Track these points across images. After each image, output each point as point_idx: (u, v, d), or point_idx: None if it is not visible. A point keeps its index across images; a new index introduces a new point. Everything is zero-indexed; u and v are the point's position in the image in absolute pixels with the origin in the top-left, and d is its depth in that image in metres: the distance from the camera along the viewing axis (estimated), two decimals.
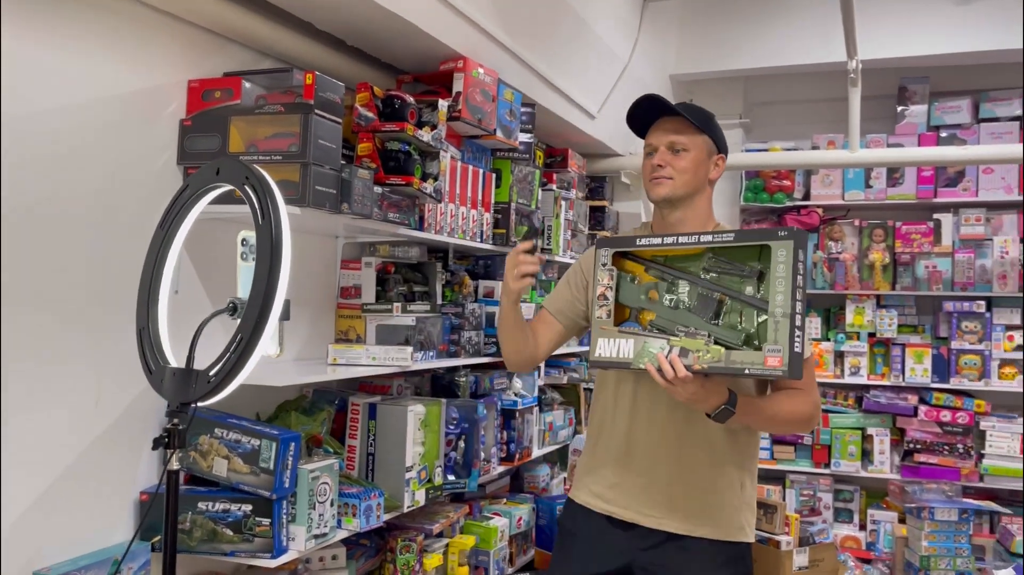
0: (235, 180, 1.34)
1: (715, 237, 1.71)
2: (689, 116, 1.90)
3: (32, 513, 1.73)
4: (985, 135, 4.29)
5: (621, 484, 1.94)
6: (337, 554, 2.34)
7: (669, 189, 1.90)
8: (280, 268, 1.23)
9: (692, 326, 1.73)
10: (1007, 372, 4.26)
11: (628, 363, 1.75)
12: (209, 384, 1.29)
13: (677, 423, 1.89)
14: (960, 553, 3.84)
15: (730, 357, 1.64)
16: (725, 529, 1.89)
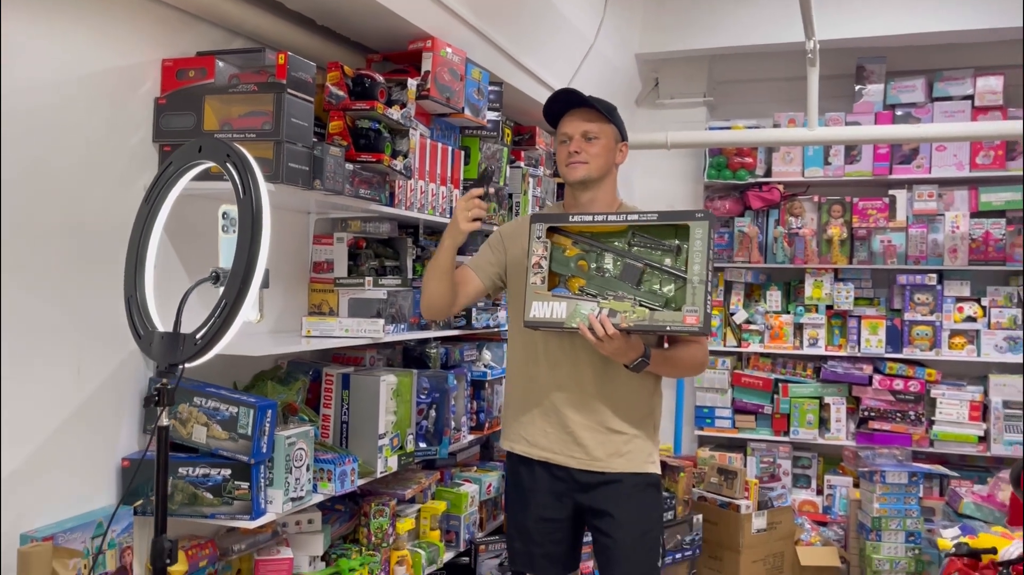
0: (217, 157, 1.41)
1: (640, 217, 2.01)
2: (599, 107, 2.15)
3: (18, 478, 1.80)
4: (938, 114, 4.43)
5: (549, 431, 2.19)
6: (313, 518, 2.43)
7: (584, 172, 2.15)
8: (261, 238, 1.32)
9: (620, 291, 2.00)
10: (957, 342, 4.44)
11: (561, 323, 2.01)
12: (196, 346, 1.37)
13: (596, 378, 2.15)
14: (910, 514, 4.04)
15: (654, 316, 1.95)
16: (639, 462, 2.18)
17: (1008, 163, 4.35)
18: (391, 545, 2.64)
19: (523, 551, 2.28)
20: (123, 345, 2.04)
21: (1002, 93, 4.36)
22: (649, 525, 2.20)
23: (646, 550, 2.18)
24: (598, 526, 2.20)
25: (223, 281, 1.40)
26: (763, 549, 4.01)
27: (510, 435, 2.30)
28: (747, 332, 4.77)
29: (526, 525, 2.26)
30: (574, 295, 2.04)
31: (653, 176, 4.95)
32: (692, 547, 3.89)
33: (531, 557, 2.27)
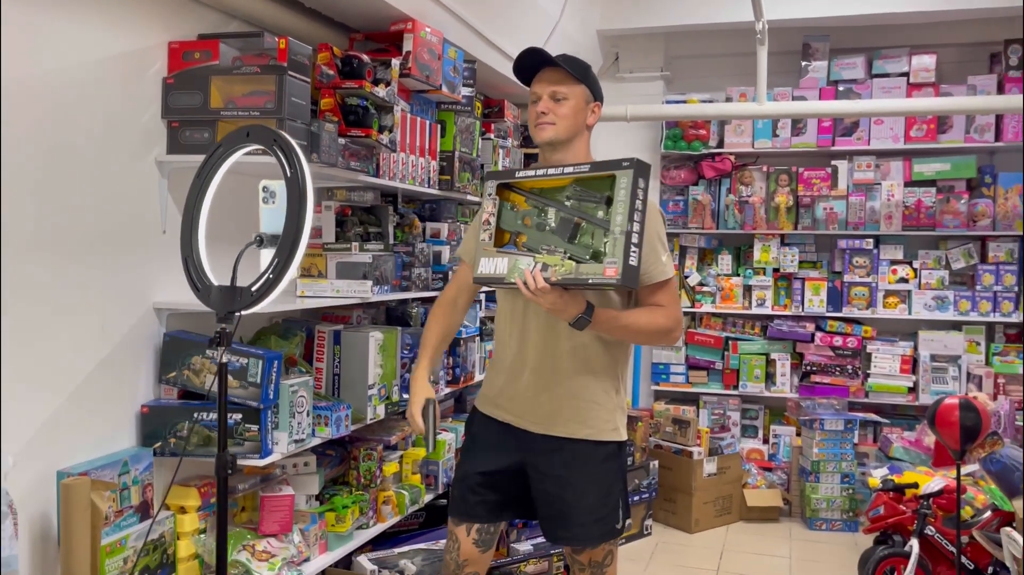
0: (264, 141, 1.63)
1: (575, 169, 1.97)
2: (568, 68, 2.12)
3: (53, 422, 2.01)
4: (877, 89, 4.75)
5: (514, 396, 2.19)
6: (308, 461, 2.68)
7: (552, 133, 2.12)
8: (307, 208, 1.54)
9: (553, 245, 1.98)
10: (890, 302, 4.82)
11: (502, 278, 2.00)
12: (252, 297, 1.60)
13: (557, 339, 2.12)
14: (845, 458, 4.43)
15: (579, 270, 1.90)
16: (601, 430, 2.14)
17: (939, 136, 4.70)
18: (378, 486, 2.90)
19: (459, 496, 2.27)
20: (140, 304, 2.26)
21: (935, 70, 4.69)
22: (609, 490, 2.16)
23: (606, 513, 2.15)
24: (549, 489, 2.16)
25: (266, 244, 1.62)
26: (713, 491, 4.38)
27: (481, 395, 2.32)
28: (700, 294, 5.10)
29: (470, 473, 2.25)
30: (518, 251, 2.01)
31: (612, 147, 5.20)
32: (649, 490, 4.24)
33: (466, 502, 2.24)
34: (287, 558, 2.37)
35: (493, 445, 2.24)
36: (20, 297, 1.90)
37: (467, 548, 2.24)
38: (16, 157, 1.88)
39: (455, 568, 2.26)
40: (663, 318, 2.10)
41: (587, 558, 2.19)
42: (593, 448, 2.15)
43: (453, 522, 2.28)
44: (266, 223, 1.68)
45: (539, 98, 2.14)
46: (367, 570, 2.69)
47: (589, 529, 2.15)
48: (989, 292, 4.65)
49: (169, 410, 2.26)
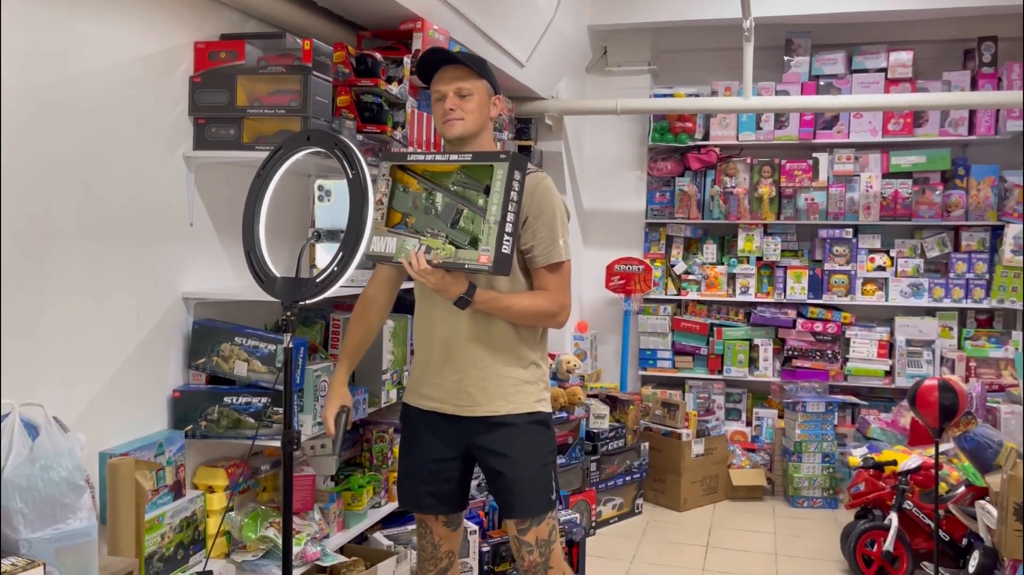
0: (325, 145, 1.74)
1: (459, 156, 2.06)
2: (469, 63, 2.17)
3: (94, 407, 2.12)
4: (856, 85, 4.94)
5: (440, 383, 2.21)
6: (325, 443, 2.80)
7: (461, 128, 2.15)
8: (368, 206, 1.66)
9: (436, 229, 2.05)
10: (869, 289, 5.02)
11: (391, 257, 2.07)
12: (316, 287, 1.71)
13: (473, 326, 2.17)
14: (826, 439, 4.62)
15: (457, 255, 2.00)
16: (523, 403, 2.19)
17: (915, 130, 4.89)
18: (389, 467, 3.03)
19: (411, 491, 2.30)
20: (170, 294, 2.36)
21: (912, 66, 4.88)
22: (541, 462, 2.21)
23: (541, 486, 2.20)
24: (492, 466, 2.21)
25: (323, 239, 1.74)
26: (701, 471, 4.56)
27: (408, 389, 2.34)
28: (686, 282, 5.27)
29: (415, 466, 2.29)
30: (407, 232, 2.08)
31: (601, 139, 5.36)
32: (640, 471, 4.41)
33: (419, 496, 2.29)
34: (311, 534, 2.49)
35: (433, 435, 2.27)
36: (65, 288, 2.00)
37: (440, 530, 2.33)
38: (62, 154, 1.98)
39: (432, 550, 2.34)
40: (545, 302, 2.16)
41: (534, 537, 2.22)
42: (522, 422, 2.20)
43: (416, 514, 2.35)
44: (321, 220, 1.80)
45: (444, 95, 2.17)
46: (383, 545, 2.83)
47: (530, 500, 2.20)
48: (962, 280, 4.87)
49: (199, 395, 2.37)
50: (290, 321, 1.71)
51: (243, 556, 2.40)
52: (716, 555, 3.91)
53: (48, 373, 1.96)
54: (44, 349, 1.95)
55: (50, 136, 1.95)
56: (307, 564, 2.42)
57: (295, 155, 1.80)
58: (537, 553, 2.24)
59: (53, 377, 1.98)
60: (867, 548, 3.57)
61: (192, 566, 2.27)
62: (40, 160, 1.92)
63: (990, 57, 4.77)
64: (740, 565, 3.79)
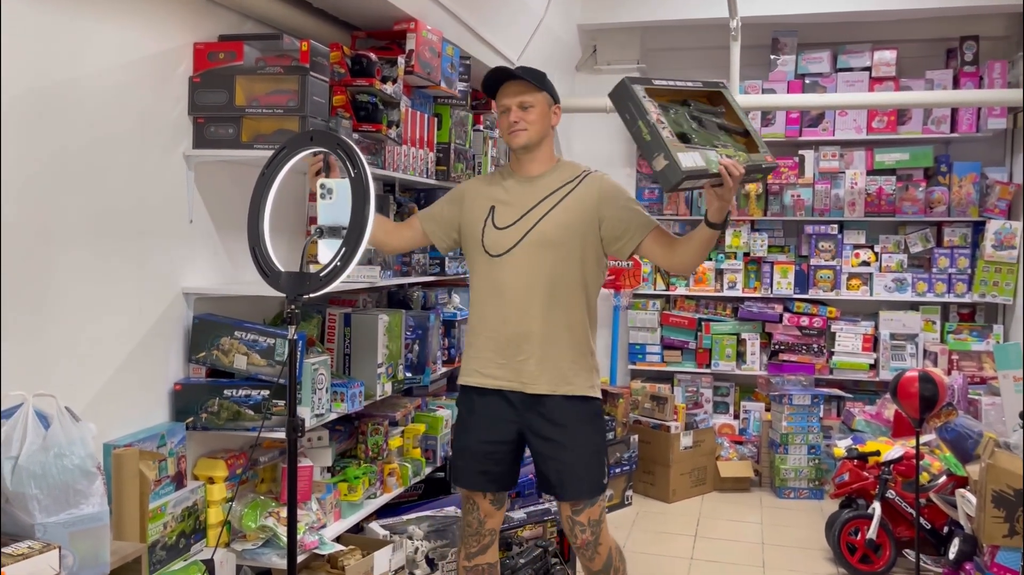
0: (328, 145, 1.80)
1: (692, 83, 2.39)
2: (530, 78, 2.38)
3: (98, 399, 2.17)
4: (841, 83, 5.02)
5: (504, 363, 2.41)
6: (322, 435, 2.86)
7: (525, 138, 2.39)
8: (370, 204, 1.72)
9: (719, 141, 2.25)
10: (853, 284, 5.11)
11: (706, 170, 2.12)
12: (320, 281, 1.77)
13: (540, 309, 2.38)
14: (811, 431, 4.72)
15: (751, 158, 2.24)
16: (582, 387, 2.42)
17: (899, 127, 4.98)
18: (384, 459, 3.09)
19: (464, 468, 2.49)
20: (170, 289, 2.42)
21: (895, 65, 4.96)
22: (596, 446, 2.42)
23: (594, 470, 2.41)
24: (547, 450, 2.40)
25: (326, 235, 1.81)
26: (689, 463, 4.64)
27: (467, 370, 2.50)
28: (675, 277, 5.34)
29: (470, 446, 2.47)
30: (699, 147, 2.17)
31: (591, 136, 5.42)
32: (629, 463, 4.49)
33: (471, 474, 2.47)
34: (309, 524, 2.55)
35: (490, 416, 2.45)
36: (71, 283, 2.05)
37: (486, 507, 2.50)
38: (65, 152, 2.03)
39: (477, 526, 2.51)
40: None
41: (586, 517, 2.43)
42: (580, 406, 2.41)
43: (465, 491, 2.50)
44: (324, 217, 1.86)
45: (508, 109, 2.39)
46: (379, 535, 2.89)
47: (585, 484, 2.40)
48: (944, 274, 4.97)
49: (199, 387, 2.43)
50: (295, 314, 1.78)
51: (243, 545, 2.46)
52: (704, 544, 3.99)
53: (54, 367, 2.02)
54: (50, 343, 2.00)
55: (54, 135, 2.00)
56: (305, 552, 2.48)
57: (298, 154, 1.86)
58: (589, 532, 2.43)
59: (59, 371, 2.03)
60: (851, 536, 3.66)
61: (193, 555, 2.33)
62: (44, 159, 1.98)
63: (972, 56, 4.86)
64: (728, 554, 3.88)
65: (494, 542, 2.56)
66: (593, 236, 2.45)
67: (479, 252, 2.46)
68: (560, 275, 2.40)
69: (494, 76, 2.42)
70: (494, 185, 2.52)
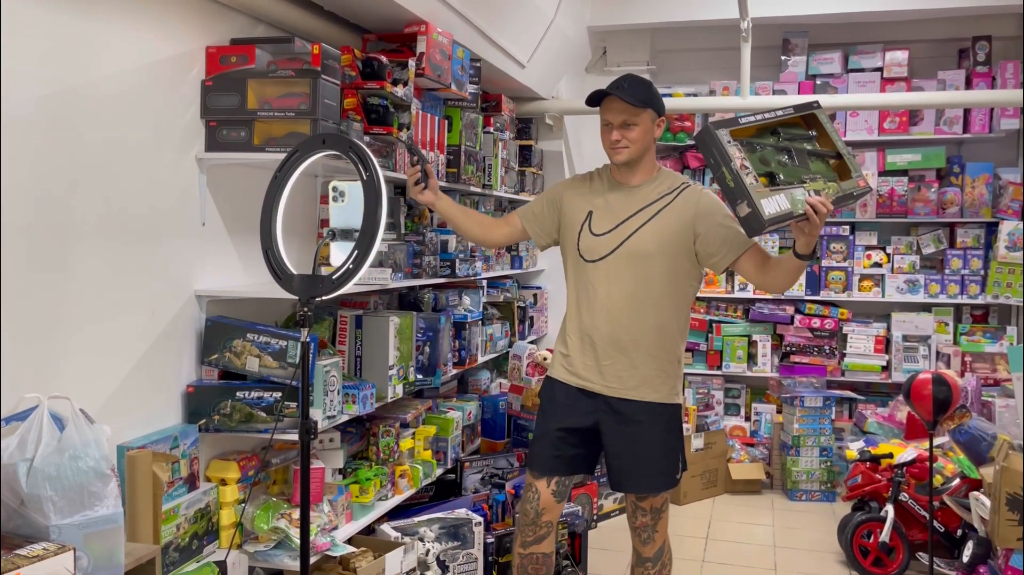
0: (340, 148, 1.81)
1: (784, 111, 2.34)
2: (633, 100, 2.38)
3: (112, 401, 2.18)
4: (853, 84, 5.00)
5: (591, 365, 2.50)
6: (333, 437, 2.87)
7: (627, 155, 2.44)
8: (381, 207, 1.73)
9: (807, 175, 2.19)
10: (865, 285, 5.09)
11: (790, 213, 2.11)
12: (332, 284, 1.78)
13: (631, 317, 2.45)
14: (823, 433, 4.70)
15: (842, 187, 2.19)
16: (666, 394, 2.50)
17: (911, 128, 4.96)
18: (395, 461, 3.09)
19: (539, 454, 2.58)
20: (183, 292, 2.43)
21: (907, 65, 4.94)
22: (673, 447, 2.52)
23: (669, 465, 2.51)
24: (620, 444, 2.49)
25: (338, 238, 1.81)
26: (701, 466, 4.63)
27: (555, 364, 2.61)
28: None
29: (548, 432, 2.56)
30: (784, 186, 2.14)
31: None
32: None
33: (545, 459, 2.56)
34: (320, 525, 2.56)
35: (569, 406, 2.55)
36: (85, 285, 2.06)
37: (546, 497, 2.57)
38: (79, 155, 2.04)
39: (535, 516, 2.59)
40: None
41: (649, 505, 2.55)
42: (661, 411, 2.50)
43: (533, 475, 2.59)
44: (336, 219, 1.86)
45: (610, 125, 2.44)
46: (391, 536, 2.89)
47: (656, 479, 2.51)
48: (957, 276, 4.94)
49: (212, 390, 2.44)
50: (307, 316, 1.78)
51: (255, 547, 2.47)
52: (716, 547, 3.98)
53: (68, 369, 2.03)
54: (65, 346, 2.02)
55: (68, 138, 2.01)
56: (317, 554, 2.49)
57: (311, 157, 1.87)
58: (649, 517, 2.55)
59: (73, 373, 2.04)
60: (864, 539, 3.64)
61: (206, 556, 2.34)
62: (59, 162, 1.99)
63: (984, 56, 4.83)
64: (739, 557, 3.86)
65: (551, 534, 2.62)
66: (688, 250, 2.47)
67: (574, 255, 2.55)
68: (652, 285, 2.45)
69: (599, 95, 2.46)
70: (594, 190, 2.58)
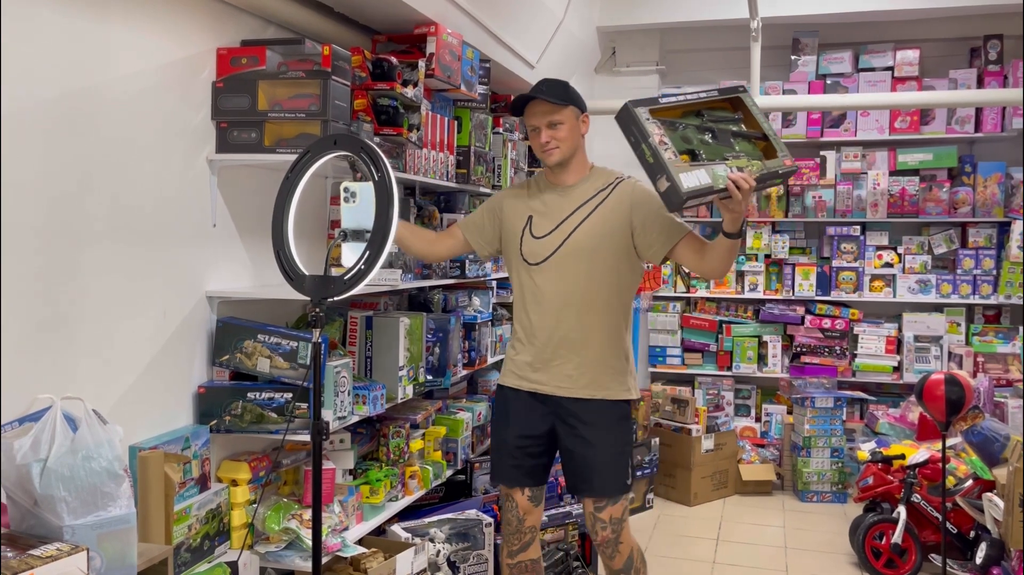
0: (352, 149, 1.81)
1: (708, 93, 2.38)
2: (554, 98, 2.43)
3: (124, 402, 2.19)
4: (863, 83, 4.98)
5: (541, 367, 2.50)
6: (344, 438, 2.87)
7: (559, 155, 2.48)
8: (393, 207, 1.73)
9: (730, 153, 2.21)
10: (876, 285, 5.07)
11: (711, 187, 2.11)
12: (344, 285, 1.78)
13: (577, 315, 2.46)
14: (834, 434, 4.68)
15: (766, 164, 2.19)
16: (616, 392, 2.50)
17: (922, 127, 4.93)
18: (405, 462, 3.09)
19: (500, 464, 2.61)
20: (195, 292, 2.43)
21: (918, 65, 4.92)
22: (622, 446, 2.50)
23: (619, 469, 2.49)
24: (576, 446, 2.48)
25: (349, 239, 1.81)
26: (711, 467, 4.61)
27: (506, 372, 2.62)
28: (695, 279, 5.32)
29: (507, 442, 2.57)
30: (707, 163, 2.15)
31: (610, 138, 5.37)
32: (650, 466, 4.47)
33: (507, 469, 2.58)
34: (331, 526, 2.56)
35: (524, 413, 2.55)
36: (97, 286, 2.07)
37: (524, 504, 2.59)
38: (92, 157, 2.05)
39: (517, 523, 2.60)
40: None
41: (608, 515, 2.50)
42: (611, 408, 2.49)
43: (504, 487, 2.59)
44: (347, 220, 1.86)
45: (537, 128, 2.47)
46: (401, 537, 2.89)
47: (608, 482, 2.47)
48: (969, 276, 4.91)
49: (223, 390, 2.44)
50: (319, 317, 1.78)
51: (266, 547, 2.47)
52: (726, 548, 3.96)
53: (81, 370, 2.04)
54: (77, 347, 2.02)
55: (80, 140, 2.02)
56: (328, 555, 2.49)
57: (322, 158, 1.87)
58: (610, 530, 2.50)
59: (86, 374, 2.05)
60: (876, 541, 3.62)
61: (217, 557, 2.34)
62: (71, 164, 1.99)
63: (996, 55, 4.80)
64: (750, 558, 3.85)
65: (535, 539, 2.64)
66: (626, 243, 2.51)
67: (518, 260, 2.57)
68: (596, 282, 2.47)
69: (521, 100, 2.49)
70: (531, 195, 2.60)
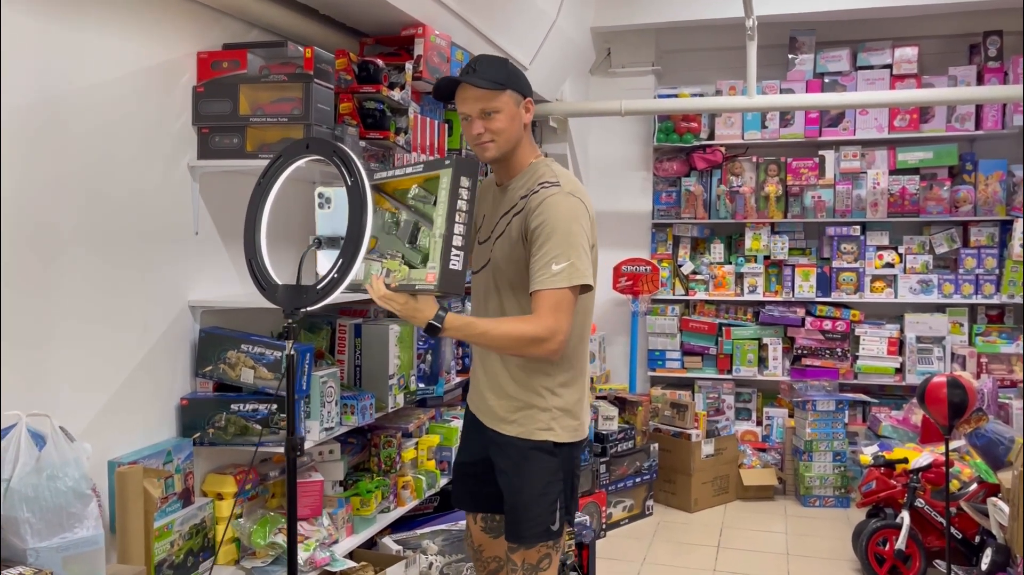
0: (324, 152, 1.75)
1: (413, 169, 1.90)
2: (486, 82, 1.97)
3: (102, 415, 2.13)
4: (862, 82, 4.91)
5: (475, 390, 2.26)
6: (333, 449, 2.81)
7: (495, 150, 2.03)
8: (367, 213, 1.67)
9: (395, 249, 1.87)
10: (877, 286, 5.00)
11: (360, 284, 1.90)
12: (317, 294, 1.72)
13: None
14: (836, 437, 4.61)
15: (410, 275, 1.80)
16: (532, 431, 2.10)
17: (922, 125, 4.87)
18: (397, 472, 3.03)
19: (454, 486, 2.43)
20: (176, 302, 2.38)
21: (917, 62, 4.85)
22: (544, 490, 2.10)
23: (536, 514, 2.10)
24: (502, 484, 2.18)
25: (324, 246, 1.75)
26: (711, 472, 4.55)
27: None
28: (693, 282, 5.26)
29: (459, 463, 2.39)
30: (375, 256, 1.93)
31: (606, 140, 5.36)
32: (650, 472, 4.40)
33: (458, 493, 2.39)
34: (320, 539, 2.50)
35: (470, 436, 2.35)
36: (72, 297, 2.02)
37: (477, 534, 2.39)
38: (69, 164, 2.00)
39: (473, 553, 2.43)
40: (531, 327, 1.93)
41: (520, 558, 2.13)
42: (526, 447, 2.11)
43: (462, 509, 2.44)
44: (322, 227, 1.81)
45: (469, 117, 2.03)
46: (392, 550, 2.83)
47: (520, 527, 2.11)
48: (971, 275, 4.84)
49: (206, 402, 2.39)
50: (292, 328, 1.72)
51: (252, 562, 2.41)
52: (727, 555, 3.90)
53: (57, 382, 1.98)
54: (53, 358, 1.97)
55: (57, 147, 1.97)
56: (316, 569, 2.43)
57: (295, 163, 1.81)
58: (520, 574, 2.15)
59: (62, 386, 1.99)
60: (879, 547, 3.55)
61: (202, 573, 2.28)
62: (48, 171, 1.94)
63: (995, 51, 4.74)
64: (752, 565, 3.78)
65: (502, 567, 2.34)
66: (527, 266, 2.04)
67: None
68: (510, 302, 2.09)
69: (445, 84, 2.06)
70: (485, 191, 2.23)
